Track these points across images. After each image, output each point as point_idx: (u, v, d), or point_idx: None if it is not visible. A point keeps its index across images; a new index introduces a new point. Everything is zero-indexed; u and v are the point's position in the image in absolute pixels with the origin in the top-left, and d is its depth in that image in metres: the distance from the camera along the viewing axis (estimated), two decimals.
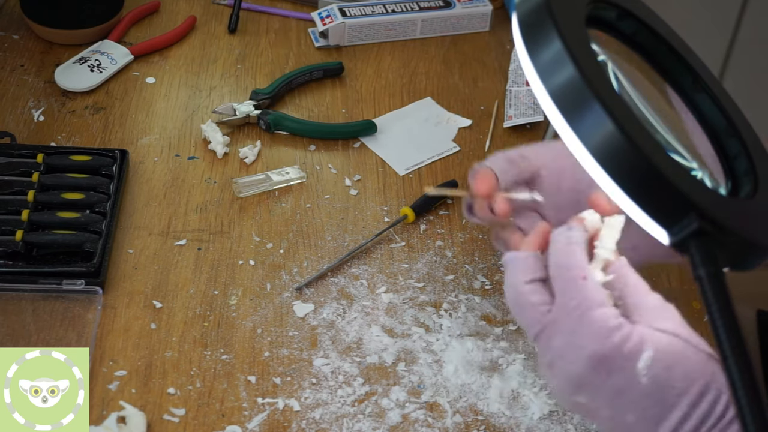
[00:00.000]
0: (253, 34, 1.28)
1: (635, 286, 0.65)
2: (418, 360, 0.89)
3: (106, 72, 1.17)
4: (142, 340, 0.89)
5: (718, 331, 0.54)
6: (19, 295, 0.90)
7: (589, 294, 0.63)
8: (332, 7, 1.27)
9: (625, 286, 0.65)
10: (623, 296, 0.65)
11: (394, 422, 0.84)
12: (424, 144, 1.14)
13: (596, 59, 0.62)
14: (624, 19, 0.69)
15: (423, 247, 1.01)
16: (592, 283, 0.64)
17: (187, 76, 1.20)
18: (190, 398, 0.84)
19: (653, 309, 0.64)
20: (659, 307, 0.65)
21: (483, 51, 1.29)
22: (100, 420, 0.81)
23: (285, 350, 0.89)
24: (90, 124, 1.12)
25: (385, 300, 0.94)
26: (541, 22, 0.59)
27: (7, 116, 1.11)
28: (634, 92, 0.68)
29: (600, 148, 0.57)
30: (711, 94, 0.69)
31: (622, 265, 0.66)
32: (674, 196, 0.56)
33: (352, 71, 1.24)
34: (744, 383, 0.53)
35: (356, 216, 1.03)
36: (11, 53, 1.20)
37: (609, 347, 0.61)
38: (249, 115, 1.13)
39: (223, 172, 1.07)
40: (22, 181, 1.00)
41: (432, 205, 1.04)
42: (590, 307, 0.63)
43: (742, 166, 0.66)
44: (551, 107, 0.58)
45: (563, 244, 0.66)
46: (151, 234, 0.99)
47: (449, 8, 1.30)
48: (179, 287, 0.94)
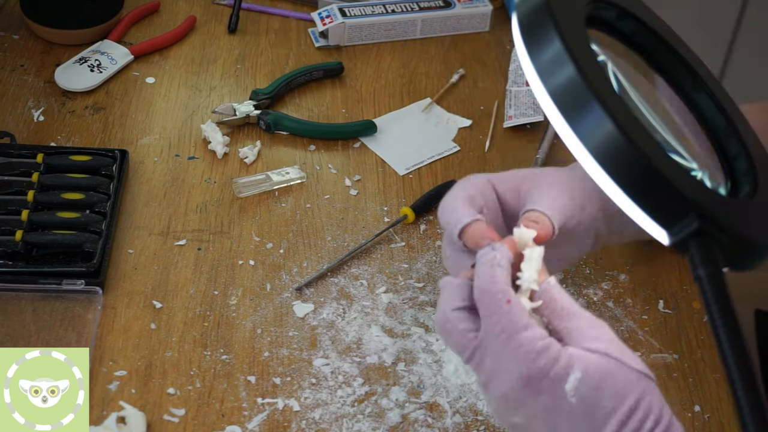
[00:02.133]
0: (253, 34, 1.28)
1: (563, 309, 0.64)
2: (417, 360, 0.89)
3: (106, 72, 1.17)
4: (141, 340, 0.89)
5: (718, 331, 0.54)
6: (19, 295, 0.90)
7: (514, 318, 0.62)
8: (332, 7, 1.27)
9: (552, 311, 0.64)
10: (551, 320, 0.64)
11: (393, 422, 0.84)
12: (424, 144, 1.14)
13: (596, 59, 0.62)
14: (624, 19, 0.69)
15: (423, 247, 1.01)
16: (516, 306, 0.63)
17: (187, 76, 1.20)
18: (189, 398, 0.84)
19: (583, 329, 0.63)
20: (590, 327, 0.64)
21: (483, 51, 1.29)
22: (100, 420, 0.81)
23: (285, 350, 0.89)
24: (90, 124, 1.12)
25: (384, 300, 0.94)
26: (540, 22, 0.59)
27: (7, 116, 1.11)
28: (634, 92, 0.68)
29: (600, 148, 0.57)
30: (711, 94, 0.69)
31: (550, 287, 0.65)
32: (674, 196, 0.56)
33: (352, 71, 1.24)
34: (744, 383, 0.53)
35: (356, 216, 1.03)
36: (11, 53, 1.20)
37: (535, 370, 0.61)
38: (249, 115, 1.13)
39: (223, 172, 1.07)
40: (21, 181, 1.00)
41: (432, 205, 1.04)
42: (517, 331, 0.62)
43: (741, 167, 0.66)
44: (551, 107, 0.58)
45: (487, 266, 0.64)
46: (151, 234, 0.99)
47: (449, 8, 1.30)
48: (179, 287, 0.94)
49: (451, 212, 0.72)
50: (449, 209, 0.72)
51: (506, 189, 0.75)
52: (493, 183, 0.75)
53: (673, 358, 0.92)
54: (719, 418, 0.87)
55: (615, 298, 0.97)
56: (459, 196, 0.73)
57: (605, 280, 0.98)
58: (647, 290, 0.98)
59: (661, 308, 0.96)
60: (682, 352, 0.92)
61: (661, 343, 0.93)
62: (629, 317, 0.95)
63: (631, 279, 0.99)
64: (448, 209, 0.73)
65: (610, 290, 0.97)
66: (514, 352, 0.61)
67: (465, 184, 0.75)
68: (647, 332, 0.94)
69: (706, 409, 0.87)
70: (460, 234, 0.70)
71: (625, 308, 0.96)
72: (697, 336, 0.94)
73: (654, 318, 0.95)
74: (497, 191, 0.75)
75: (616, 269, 1.00)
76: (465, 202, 0.72)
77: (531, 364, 0.61)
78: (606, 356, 0.62)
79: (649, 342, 0.93)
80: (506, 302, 0.62)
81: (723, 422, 0.86)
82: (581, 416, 0.61)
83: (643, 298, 0.97)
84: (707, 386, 0.89)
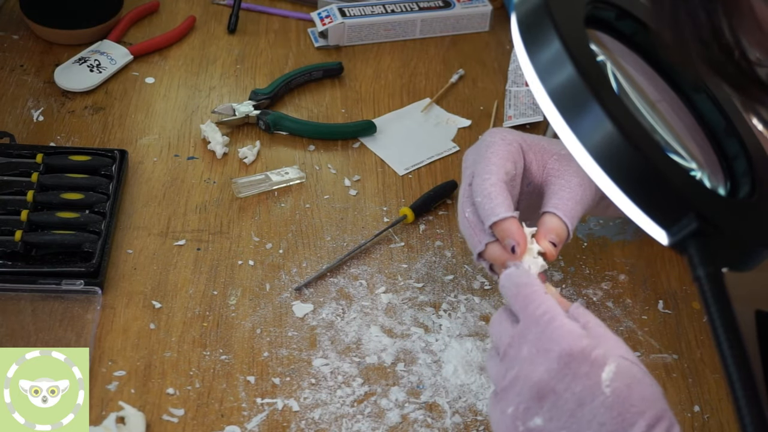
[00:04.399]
0: (252, 35, 1.28)
1: (595, 325, 0.67)
2: (417, 360, 0.89)
3: (105, 72, 1.17)
4: (141, 341, 0.89)
5: (718, 331, 0.54)
6: (18, 295, 0.90)
7: (554, 305, 0.66)
8: (332, 7, 1.27)
9: (584, 325, 0.66)
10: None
11: (393, 422, 0.84)
12: (423, 144, 1.14)
13: (595, 59, 0.62)
14: (623, 19, 0.69)
15: (422, 247, 1.01)
16: (554, 297, 0.67)
17: (187, 76, 1.20)
18: (189, 398, 0.84)
19: (614, 341, 0.65)
20: (617, 347, 0.65)
21: (483, 51, 1.29)
22: (100, 420, 0.81)
23: (284, 350, 0.89)
24: (89, 124, 1.12)
25: (384, 300, 0.94)
26: (540, 22, 0.59)
27: (7, 116, 1.11)
28: (634, 92, 0.68)
29: (599, 148, 0.57)
30: (710, 94, 0.69)
31: (579, 309, 0.68)
32: (673, 197, 0.56)
33: (352, 71, 1.24)
34: (743, 384, 0.53)
35: (355, 216, 1.03)
36: (11, 53, 1.20)
37: (578, 348, 0.62)
38: (248, 115, 1.13)
39: (223, 172, 1.07)
40: (21, 182, 1.00)
41: (431, 206, 1.04)
42: (558, 314, 0.65)
43: (741, 167, 0.66)
44: (550, 107, 0.58)
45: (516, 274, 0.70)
46: (150, 234, 0.99)
47: (449, 8, 1.30)
48: (178, 287, 0.94)
49: (487, 196, 0.74)
50: (486, 191, 0.74)
51: (533, 159, 0.79)
52: (524, 150, 0.79)
53: (673, 358, 0.92)
54: (719, 418, 0.87)
55: (615, 298, 0.97)
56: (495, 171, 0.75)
57: (605, 280, 0.98)
58: (647, 290, 0.98)
59: (660, 308, 0.96)
60: (681, 352, 0.92)
61: (660, 344, 0.93)
62: (629, 317, 0.95)
63: (631, 279, 0.99)
64: (484, 189, 0.74)
65: (610, 290, 0.97)
66: (558, 330, 0.63)
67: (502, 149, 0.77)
68: (647, 332, 0.94)
69: (705, 409, 0.87)
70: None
71: (624, 308, 0.96)
72: (697, 336, 0.94)
73: (654, 318, 0.95)
74: (525, 159, 0.79)
75: (616, 269, 1.00)
76: (502, 186, 0.74)
77: (574, 342, 0.62)
78: (636, 365, 0.63)
79: (648, 342, 0.93)
80: (543, 292, 0.67)
81: (723, 422, 0.86)
82: (611, 411, 0.61)
83: (642, 298, 0.97)
84: (707, 386, 0.89)
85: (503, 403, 0.65)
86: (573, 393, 0.62)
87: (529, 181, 0.79)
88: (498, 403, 0.66)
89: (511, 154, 0.77)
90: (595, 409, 0.61)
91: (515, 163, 0.77)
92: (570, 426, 0.62)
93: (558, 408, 0.62)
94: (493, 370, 0.67)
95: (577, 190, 0.76)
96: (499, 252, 0.73)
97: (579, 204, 0.76)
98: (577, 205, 0.76)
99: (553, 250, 0.73)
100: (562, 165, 0.78)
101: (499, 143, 0.77)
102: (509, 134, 0.79)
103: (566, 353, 0.62)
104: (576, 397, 0.62)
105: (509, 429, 0.65)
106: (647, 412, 0.61)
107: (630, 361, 0.63)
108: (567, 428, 0.62)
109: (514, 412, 0.64)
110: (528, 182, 0.79)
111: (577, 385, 0.62)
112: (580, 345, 0.62)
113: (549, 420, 0.63)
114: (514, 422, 0.64)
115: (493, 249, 0.74)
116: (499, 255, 0.73)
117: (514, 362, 0.65)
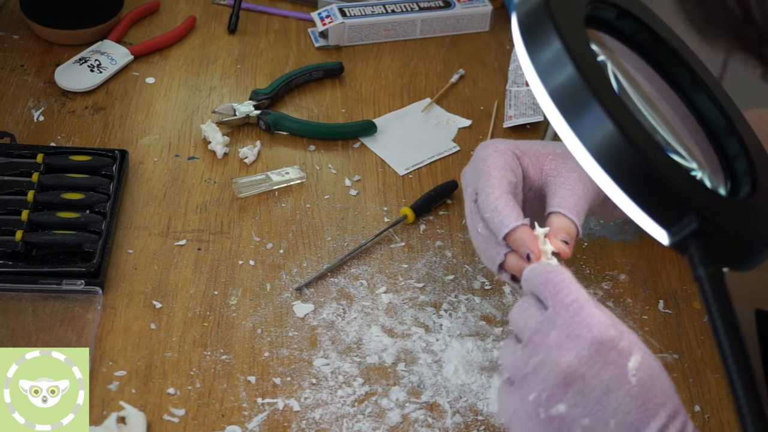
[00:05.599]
0: (252, 35, 1.28)
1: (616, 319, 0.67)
2: (418, 360, 0.89)
3: (106, 72, 1.17)
4: (141, 341, 0.89)
5: (718, 331, 0.54)
6: (19, 295, 0.90)
7: (584, 294, 0.65)
8: (332, 7, 1.27)
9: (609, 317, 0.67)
10: None
11: (394, 422, 0.84)
12: (423, 144, 1.14)
13: (596, 59, 0.62)
14: (623, 19, 0.69)
15: (423, 247, 1.01)
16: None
17: (187, 76, 1.20)
18: (189, 398, 0.84)
19: (634, 335, 0.66)
20: (637, 337, 0.66)
21: (483, 51, 1.29)
22: (100, 420, 0.81)
23: (285, 350, 0.89)
24: (90, 124, 1.12)
25: (384, 300, 0.94)
26: (540, 22, 0.59)
27: (7, 116, 1.11)
28: (634, 92, 0.68)
29: (599, 148, 0.57)
30: (710, 94, 0.69)
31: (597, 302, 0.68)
32: (674, 197, 0.56)
33: (352, 71, 1.24)
34: (743, 383, 0.53)
35: (356, 216, 1.03)
36: (11, 53, 1.20)
37: (608, 337, 0.62)
38: (249, 115, 1.13)
39: (223, 172, 1.07)
40: (21, 182, 1.00)
41: (432, 206, 1.04)
42: (588, 302, 0.64)
43: (741, 167, 0.66)
44: (551, 107, 0.58)
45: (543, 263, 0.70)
46: (150, 234, 0.99)
47: (449, 8, 1.30)
48: (179, 287, 0.94)
49: (494, 210, 0.73)
50: (492, 205, 0.74)
51: (529, 164, 0.79)
52: (518, 157, 0.79)
53: (673, 358, 0.92)
54: (719, 418, 0.87)
55: (615, 298, 0.97)
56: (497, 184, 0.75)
57: (605, 280, 0.98)
58: (647, 290, 0.98)
59: (661, 308, 0.96)
60: (682, 352, 0.92)
61: (661, 343, 0.93)
62: (629, 317, 0.95)
63: (631, 279, 0.99)
64: (491, 204, 0.74)
65: (610, 290, 0.97)
66: (588, 318, 0.63)
67: (498, 160, 0.77)
68: (647, 332, 0.94)
69: (706, 409, 0.87)
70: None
71: (625, 308, 0.96)
72: (697, 336, 0.94)
73: (654, 318, 0.95)
74: (521, 165, 0.79)
75: (617, 269, 1.00)
76: (508, 197, 0.74)
77: (604, 330, 0.62)
78: (654, 359, 0.64)
79: (649, 342, 0.93)
80: (573, 280, 0.66)
81: (723, 422, 0.87)
82: (635, 400, 0.61)
83: (643, 298, 0.97)
84: (707, 386, 0.89)
85: (523, 390, 0.64)
86: (601, 380, 0.61)
87: (530, 186, 0.79)
88: (516, 391, 0.65)
89: (508, 164, 0.77)
90: (620, 398, 0.61)
91: (514, 172, 0.77)
92: (595, 413, 0.62)
93: (584, 395, 0.62)
94: (511, 358, 0.66)
95: (578, 186, 0.76)
96: (517, 261, 0.73)
97: (582, 199, 0.76)
98: (579, 200, 0.76)
99: (566, 248, 0.72)
100: (559, 164, 0.78)
101: (493, 155, 0.77)
102: (501, 144, 0.78)
103: (597, 340, 0.62)
104: (604, 384, 0.61)
105: (530, 416, 0.63)
106: (667, 403, 0.62)
107: (649, 355, 0.64)
108: (591, 415, 0.62)
109: (537, 399, 0.63)
110: (529, 188, 0.79)
111: (606, 372, 0.61)
112: (610, 334, 0.62)
113: (573, 407, 0.62)
114: (536, 409, 0.63)
115: (512, 258, 0.74)
116: (518, 264, 0.73)
117: (540, 348, 0.64)
